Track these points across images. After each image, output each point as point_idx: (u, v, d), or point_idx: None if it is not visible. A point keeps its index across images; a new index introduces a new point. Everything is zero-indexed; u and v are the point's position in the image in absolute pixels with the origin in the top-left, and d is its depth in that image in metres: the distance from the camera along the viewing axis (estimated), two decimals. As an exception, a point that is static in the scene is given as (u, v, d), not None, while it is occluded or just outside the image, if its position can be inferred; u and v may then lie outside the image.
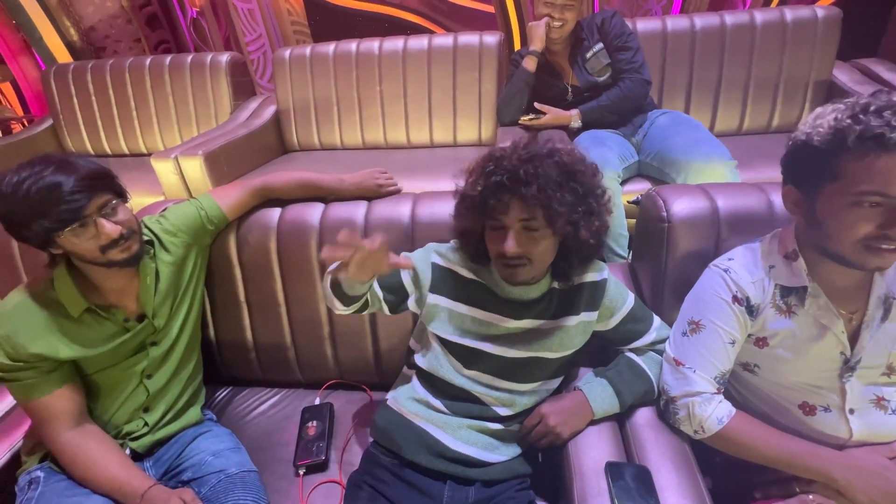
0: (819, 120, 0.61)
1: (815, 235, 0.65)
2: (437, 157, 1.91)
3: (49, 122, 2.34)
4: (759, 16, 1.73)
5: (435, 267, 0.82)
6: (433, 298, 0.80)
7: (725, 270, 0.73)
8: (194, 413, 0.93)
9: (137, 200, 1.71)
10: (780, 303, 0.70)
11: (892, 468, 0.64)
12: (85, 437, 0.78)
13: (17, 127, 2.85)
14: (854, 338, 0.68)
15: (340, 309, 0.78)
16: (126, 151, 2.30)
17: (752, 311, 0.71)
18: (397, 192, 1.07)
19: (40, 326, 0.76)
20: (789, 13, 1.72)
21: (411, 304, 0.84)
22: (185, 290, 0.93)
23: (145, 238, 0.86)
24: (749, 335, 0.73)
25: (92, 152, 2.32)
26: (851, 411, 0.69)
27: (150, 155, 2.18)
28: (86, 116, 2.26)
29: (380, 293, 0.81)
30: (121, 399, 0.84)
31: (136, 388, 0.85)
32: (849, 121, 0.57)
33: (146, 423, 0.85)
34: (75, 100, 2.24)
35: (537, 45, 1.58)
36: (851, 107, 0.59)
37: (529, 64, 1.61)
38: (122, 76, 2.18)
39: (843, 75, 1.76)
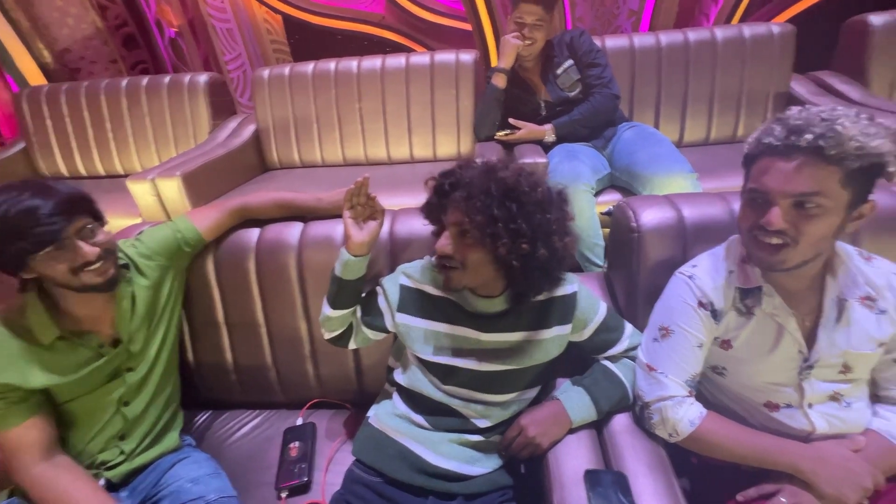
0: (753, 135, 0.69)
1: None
2: (418, 172, 1.93)
3: (21, 144, 2.30)
4: (720, 32, 1.83)
5: (403, 288, 0.84)
6: (401, 318, 0.82)
7: (690, 277, 0.76)
8: (172, 439, 0.91)
9: (114, 223, 1.68)
10: (739, 305, 0.74)
11: (854, 459, 0.67)
12: (56, 471, 0.76)
13: (-14, 150, 2.78)
14: (810, 338, 0.71)
15: (331, 315, 0.84)
16: (102, 173, 2.26)
17: (716, 314, 0.74)
18: None
19: (10, 355, 0.74)
20: (747, 30, 1.82)
21: (389, 324, 0.85)
22: (162, 314, 0.92)
23: (121, 262, 0.85)
24: (715, 338, 0.76)
25: (66, 174, 2.28)
26: (810, 405, 0.72)
27: (126, 176, 2.16)
28: (60, 139, 2.22)
29: (359, 314, 0.86)
30: (96, 427, 0.82)
31: (113, 416, 0.84)
32: (762, 132, 0.66)
33: (122, 452, 0.84)
34: (49, 122, 2.21)
35: (504, 62, 1.63)
36: (773, 119, 0.66)
37: (498, 81, 1.66)
38: (97, 98, 2.16)
39: (801, 87, 1.85)
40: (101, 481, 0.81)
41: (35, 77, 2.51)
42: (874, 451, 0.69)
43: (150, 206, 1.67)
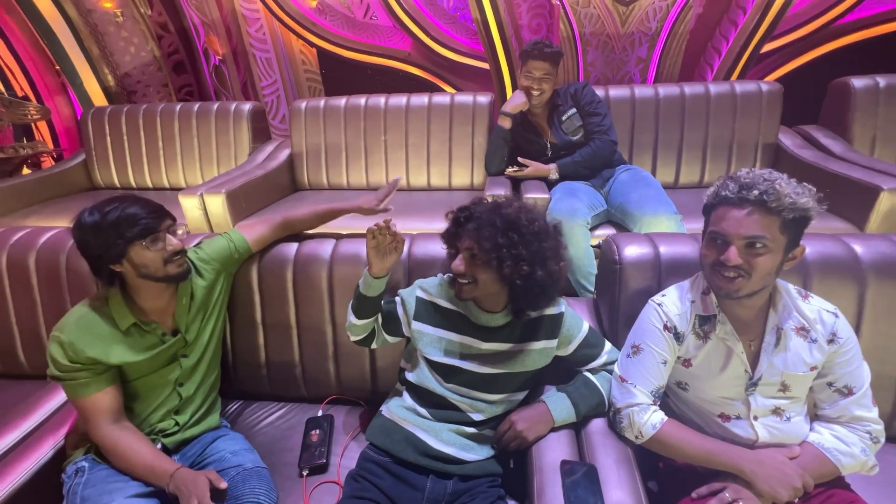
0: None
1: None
2: (434, 199, 2.13)
3: (81, 157, 2.57)
4: (713, 88, 2.02)
5: (419, 300, 1.00)
6: (416, 325, 0.99)
7: (659, 304, 0.91)
8: (214, 419, 1.07)
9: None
10: (698, 330, 0.88)
11: (787, 464, 0.79)
12: (122, 431, 0.92)
13: (46, 159, 3.08)
14: (754, 360, 0.85)
15: (356, 323, 0.99)
16: (150, 186, 2.52)
17: (678, 337, 0.89)
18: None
19: (96, 336, 0.92)
20: (738, 86, 2.00)
21: (405, 330, 1.02)
22: (213, 311, 1.09)
23: None
24: (678, 357, 0.90)
25: (119, 186, 2.54)
26: (755, 418, 0.85)
27: (172, 189, 2.40)
28: (116, 154, 2.49)
29: (380, 321, 1.01)
30: (157, 402, 0.99)
31: (171, 394, 1.00)
32: (720, 185, 0.81)
33: (177, 423, 1.00)
34: (108, 138, 2.48)
35: (509, 108, 1.87)
36: (727, 177, 0.82)
37: (504, 122, 1.90)
38: (153, 119, 2.43)
39: (788, 139, 2.02)
40: (158, 445, 0.97)
41: (97, 97, 2.82)
42: (807, 459, 0.81)
43: (196, 218, 1.88)
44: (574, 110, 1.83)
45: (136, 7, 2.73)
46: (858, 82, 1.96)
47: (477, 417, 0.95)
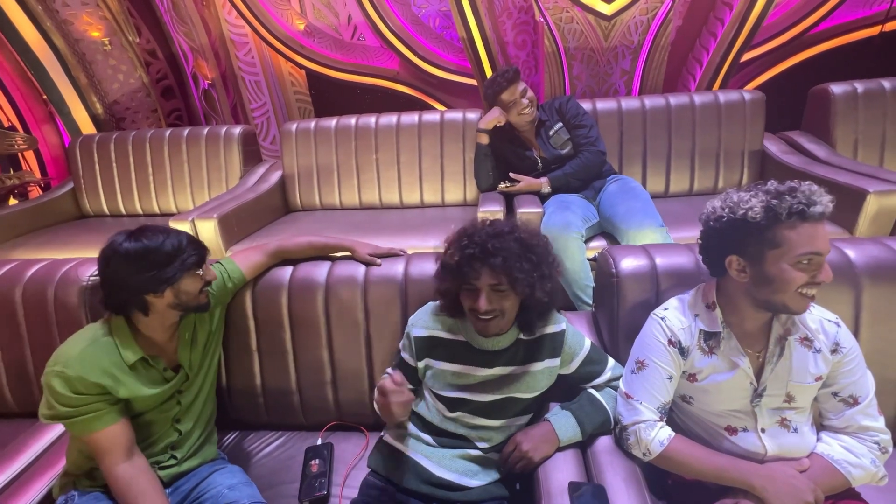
0: (747, 203, 0.76)
1: (764, 291, 0.78)
2: (427, 216, 2.13)
3: (69, 185, 2.54)
4: (697, 98, 2.06)
5: (416, 338, 0.99)
6: (421, 363, 0.98)
7: (662, 318, 0.90)
8: (211, 450, 1.04)
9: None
10: (703, 345, 0.87)
11: (798, 477, 0.78)
12: (135, 471, 0.87)
13: (34, 189, 3.04)
14: (760, 372, 0.84)
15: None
16: (140, 212, 2.49)
17: (683, 351, 0.88)
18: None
19: (102, 369, 0.87)
20: (721, 96, 2.04)
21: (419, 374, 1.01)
22: (209, 343, 1.07)
23: None
24: (683, 372, 0.89)
25: (108, 213, 2.51)
26: (763, 430, 0.84)
27: (163, 215, 2.37)
28: (105, 181, 2.47)
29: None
30: (154, 438, 0.96)
31: (168, 430, 0.97)
32: (775, 201, 0.74)
33: (174, 458, 0.97)
34: (97, 166, 2.46)
35: (483, 124, 1.91)
36: (770, 191, 0.76)
37: (481, 139, 1.94)
38: (143, 145, 2.42)
39: (773, 146, 2.05)
40: None
41: (86, 125, 2.80)
42: (817, 472, 0.80)
43: (187, 244, 1.85)
44: (560, 124, 1.85)
45: (123, 35, 2.74)
46: (837, 88, 2.01)
47: (481, 445, 0.93)
